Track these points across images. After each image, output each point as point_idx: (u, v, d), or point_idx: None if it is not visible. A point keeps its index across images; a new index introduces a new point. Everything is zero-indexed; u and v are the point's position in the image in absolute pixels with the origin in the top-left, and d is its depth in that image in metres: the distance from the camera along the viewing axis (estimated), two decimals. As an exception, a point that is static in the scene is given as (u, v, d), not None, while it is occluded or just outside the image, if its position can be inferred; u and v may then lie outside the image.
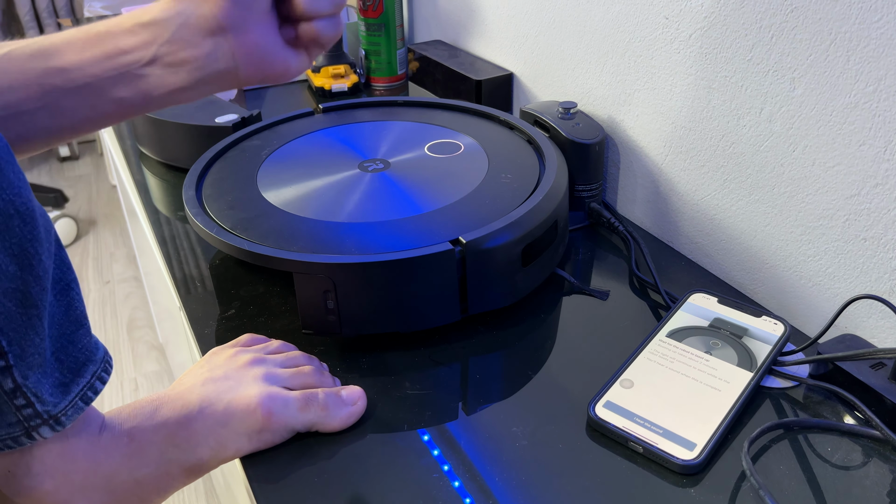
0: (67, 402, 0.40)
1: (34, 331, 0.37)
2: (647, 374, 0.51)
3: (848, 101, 0.51)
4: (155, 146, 0.86)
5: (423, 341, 0.57)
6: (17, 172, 0.36)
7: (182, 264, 0.68)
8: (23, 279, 0.36)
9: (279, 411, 0.47)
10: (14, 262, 0.36)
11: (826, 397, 0.51)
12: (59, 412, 0.39)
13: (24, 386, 0.37)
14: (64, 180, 2.67)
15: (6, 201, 0.35)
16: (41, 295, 0.37)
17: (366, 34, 1.06)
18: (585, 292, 0.63)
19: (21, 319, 0.36)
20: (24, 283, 0.36)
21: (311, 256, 0.53)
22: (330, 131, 0.76)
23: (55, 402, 0.39)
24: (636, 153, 0.73)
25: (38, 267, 0.37)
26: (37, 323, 0.37)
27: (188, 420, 0.46)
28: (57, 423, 0.40)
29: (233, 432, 0.46)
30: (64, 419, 0.40)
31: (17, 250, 0.36)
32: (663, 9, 0.65)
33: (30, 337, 0.37)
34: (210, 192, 0.65)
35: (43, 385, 0.38)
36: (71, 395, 0.40)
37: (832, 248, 0.55)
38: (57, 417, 0.39)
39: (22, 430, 0.39)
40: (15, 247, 0.36)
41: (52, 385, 0.39)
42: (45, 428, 0.39)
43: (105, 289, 2.08)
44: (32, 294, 0.37)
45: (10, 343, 0.36)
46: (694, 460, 0.45)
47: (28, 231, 0.36)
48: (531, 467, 0.46)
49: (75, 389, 0.40)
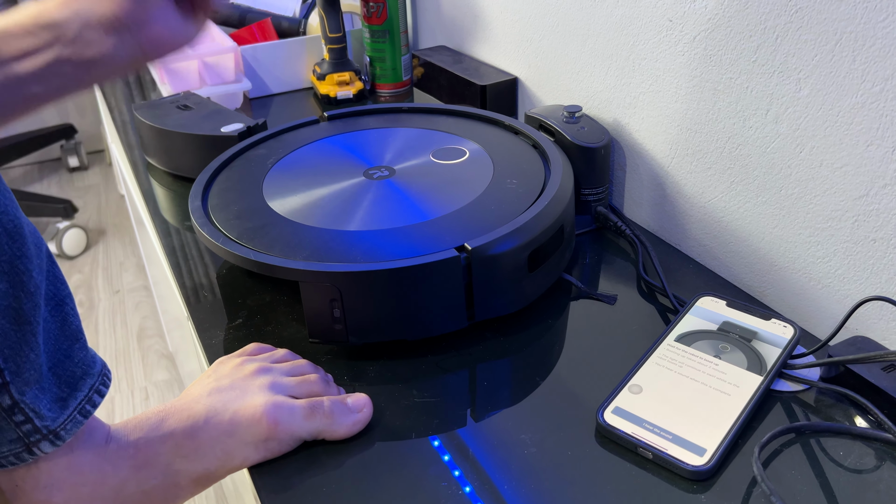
0: (66, 417, 0.40)
1: (29, 347, 0.37)
2: (655, 380, 0.51)
3: (855, 101, 0.51)
4: (161, 157, 0.86)
5: (430, 349, 0.57)
6: (2, 190, 0.36)
7: (190, 274, 0.68)
8: (14, 296, 0.36)
9: (285, 420, 0.47)
10: (4, 279, 0.36)
11: (837, 400, 0.50)
12: (58, 427, 0.40)
13: (22, 402, 0.38)
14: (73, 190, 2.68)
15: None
16: (34, 311, 0.37)
17: (370, 41, 1.06)
18: (593, 297, 0.62)
19: (15, 336, 0.37)
20: (16, 300, 0.36)
21: (317, 265, 0.53)
22: (335, 139, 0.76)
23: (53, 416, 0.39)
24: (642, 156, 0.72)
25: (28, 283, 0.37)
26: (31, 339, 0.37)
27: (195, 430, 0.46)
28: (56, 438, 0.40)
29: (239, 442, 0.46)
30: (63, 433, 0.40)
31: (6, 267, 0.36)
32: (667, 11, 0.64)
33: (25, 353, 0.37)
34: (216, 202, 0.65)
35: (41, 400, 0.38)
36: (69, 410, 0.40)
37: (841, 249, 0.55)
38: (56, 432, 0.40)
39: (22, 445, 0.39)
40: (4, 264, 0.36)
41: (50, 400, 0.39)
42: (45, 443, 0.39)
43: (115, 298, 2.09)
44: (25, 310, 0.37)
45: (5, 360, 0.36)
46: (704, 466, 0.44)
47: (17, 248, 0.36)
48: (541, 475, 0.46)
49: (73, 404, 0.40)
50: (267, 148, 0.75)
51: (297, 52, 1.10)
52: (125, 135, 1.00)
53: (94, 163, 2.89)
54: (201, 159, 0.81)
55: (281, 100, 1.09)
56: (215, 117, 0.85)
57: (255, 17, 1.20)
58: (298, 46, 1.10)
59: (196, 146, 0.82)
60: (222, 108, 0.87)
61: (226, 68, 1.03)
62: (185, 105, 0.89)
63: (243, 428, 0.46)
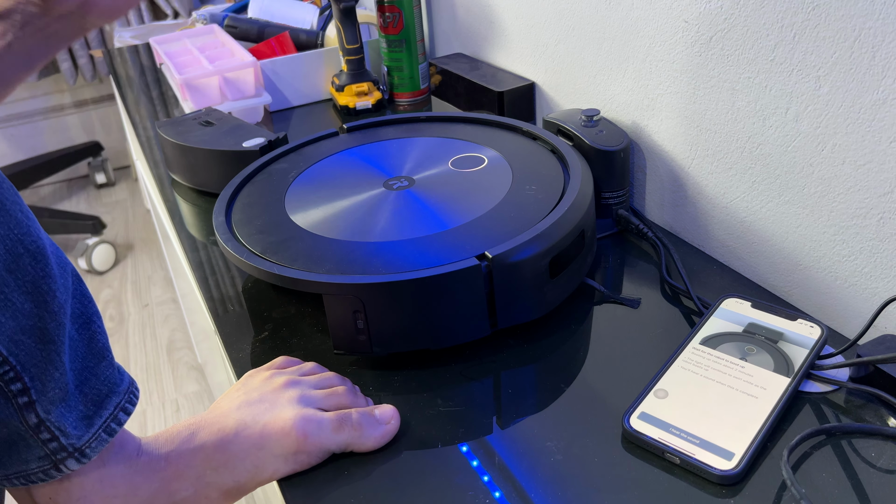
0: (91, 435, 0.41)
1: (53, 366, 0.38)
2: (681, 384, 0.51)
3: (876, 97, 0.50)
4: (185, 173, 0.87)
5: (454, 357, 0.57)
6: (24, 211, 0.37)
7: (217, 287, 0.69)
8: (39, 316, 0.37)
9: (314, 433, 0.47)
10: (29, 299, 0.37)
11: (868, 401, 0.50)
12: (84, 444, 0.40)
13: (48, 420, 0.38)
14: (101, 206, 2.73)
15: (14, 241, 0.36)
16: (58, 330, 0.38)
17: (387, 51, 1.07)
18: (616, 301, 0.62)
19: (41, 355, 0.37)
20: (41, 320, 0.37)
21: (340, 278, 0.54)
22: (354, 151, 0.76)
23: (79, 434, 0.40)
24: (662, 158, 0.72)
25: (52, 303, 0.38)
26: (56, 358, 0.38)
27: (225, 443, 0.46)
28: (82, 456, 0.40)
29: (269, 454, 0.47)
30: (88, 451, 0.41)
31: (30, 288, 0.37)
32: (682, 12, 0.64)
33: (50, 372, 0.38)
34: (239, 217, 0.66)
35: (66, 419, 0.39)
36: (94, 428, 0.41)
37: (867, 247, 0.54)
38: (81, 450, 0.40)
39: (50, 463, 0.40)
40: (28, 284, 0.37)
41: (76, 418, 0.40)
42: (71, 461, 0.40)
43: (144, 312, 2.12)
44: (49, 330, 0.38)
45: (32, 379, 0.37)
46: (732, 470, 0.44)
47: (40, 269, 0.37)
48: (567, 482, 0.46)
49: (98, 422, 0.41)
50: (288, 162, 0.76)
51: (316, 65, 1.11)
52: (150, 151, 1.02)
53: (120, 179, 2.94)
54: (224, 174, 0.82)
55: (301, 112, 1.10)
56: (237, 132, 0.86)
57: (274, 31, 1.21)
58: (316, 59, 1.11)
59: (218, 162, 0.83)
60: (243, 123, 0.89)
61: (246, 83, 1.04)
62: (207, 121, 0.90)
63: (273, 441, 0.47)
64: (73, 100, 2.78)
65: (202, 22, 1.40)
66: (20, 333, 0.36)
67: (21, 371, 0.37)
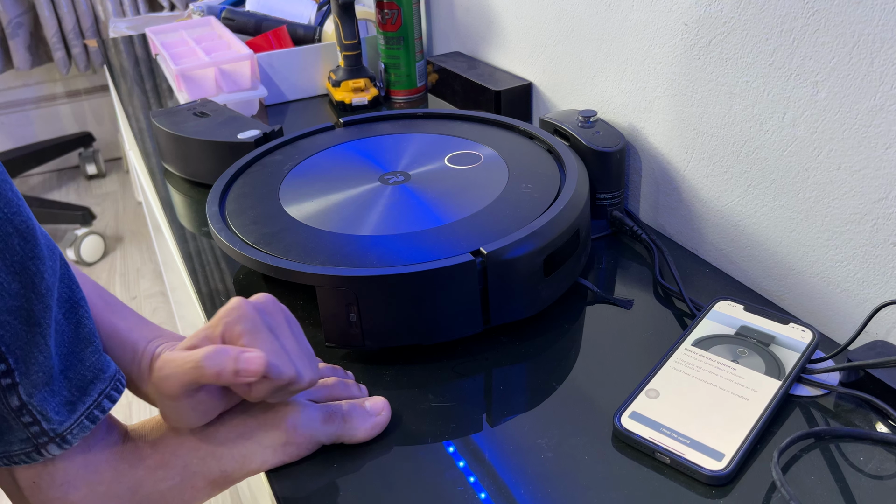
0: (73, 421, 0.40)
1: (38, 349, 0.37)
2: (673, 384, 0.51)
3: (873, 103, 0.50)
4: (178, 163, 0.87)
5: (446, 353, 0.57)
6: (13, 191, 0.36)
7: (207, 279, 0.68)
8: (26, 297, 0.36)
9: (303, 423, 0.47)
10: (16, 279, 0.36)
11: (857, 405, 0.50)
12: (65, 430, 0.40)
13: (30, 404, 0.38)
14: (91, 198, 2.71)
15: (4, 219, 0.35)
16: (44, 313, 0.38)
17: (385, 48, 1.06)
18: (609, 301, 0.62)
19: (26, 337, 0.37)
20: (27, 301, 0.37)
21: (333, 270, 0.54)
22: (350, 145, 0.76)
23: (61, 420, 0.39)
24: (658, 160, 0.72)
25: (40, 285, 0.37)
26: (41, 341, 0.38)
27: (212, 432, 0.46)
28: (63, 441, 0.40)
29: (257, 445, 0.46)
30: (70, 437, 0.40)
31: (18, 268, 0.36)
32: (682, 15, 0.64)
33: (34, 355, 0.37)
34: (233, 208, 0.66)
35: (49, 403, 0.39)
36: (77, 414, 0.40)
37: (860, 252, 0.54)
38: (63, 436, 0.40)
39: (32, 446, 0.39)
40: (16, 264, 0.36)
41: (59, 404, 0.39)
42: (52, 446, 0.39)
43: (132, 304, 2.11)
44: (36, 312, 0.37)
45: (16, 361, 0.37)
46: (722, 471, 0.44)
47: (29, 249, 0.37)
48: (557, 480, 0.46)
49: (81, 408, 0.40)
50: (283, 154, 0.76)
51: (313, 60, 1.11)
52: (142, 142, 1.01)
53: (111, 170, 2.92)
54: (218, 165, 0.82)
55: (297, 106, 1.10)
56: (232, 124, 0.85)
57: (271, 25, 1.21)
58: (314, 53, 1.11)
59: (213, 152, 0.82)
60: (238, 115, 0.88)
61: (242, 76, 1.04)
62: (202, 112, 0.89)
63: (261, 431, 0.46)
64: (65, 89, 2.76)
65: (199, 14, 1.39)
66: (6, 314, 0.36)
67: (6, 352, 0.36)
